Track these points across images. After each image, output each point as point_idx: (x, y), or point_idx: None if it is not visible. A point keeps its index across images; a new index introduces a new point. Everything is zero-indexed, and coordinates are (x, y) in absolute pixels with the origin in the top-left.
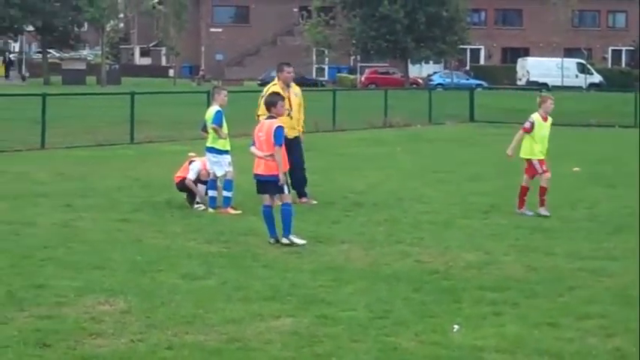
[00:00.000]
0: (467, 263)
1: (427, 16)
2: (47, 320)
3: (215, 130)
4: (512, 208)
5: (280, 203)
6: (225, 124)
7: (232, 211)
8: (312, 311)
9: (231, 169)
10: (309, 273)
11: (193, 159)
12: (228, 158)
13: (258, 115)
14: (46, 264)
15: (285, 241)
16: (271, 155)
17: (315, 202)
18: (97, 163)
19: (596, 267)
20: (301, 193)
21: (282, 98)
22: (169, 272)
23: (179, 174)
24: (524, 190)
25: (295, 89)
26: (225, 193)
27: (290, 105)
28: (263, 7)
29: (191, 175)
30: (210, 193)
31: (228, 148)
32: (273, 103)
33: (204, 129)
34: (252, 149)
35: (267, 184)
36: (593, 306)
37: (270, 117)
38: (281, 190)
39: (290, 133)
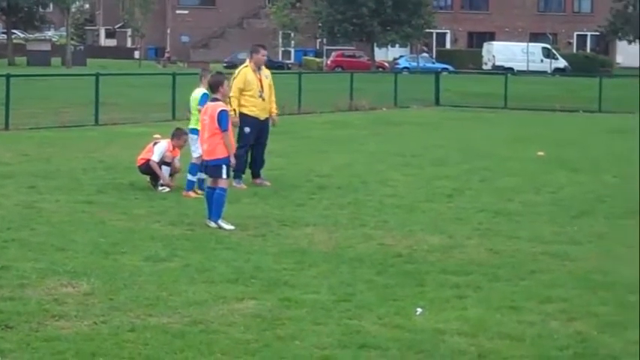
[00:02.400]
0: (430, 247)
1: (394, 0)
2: (9, 302)
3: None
4: (476, 193)
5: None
6: None
7: (193, 195)
8: (275, 294)
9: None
10: (273, 256)
11: (158, 141)
12: None
13: (230, 97)
14: (9, 245)
15: (211, 224)
16: (211, 138)
17: (268, 183)
18: (61, 145)
19: (558, 251)
20: (256, 174)
21: (226, 78)
22: (133, 254)
23: (142, 156)
24: None
25: (265, 71)
26: (189, 177)
27: (262, 87)
28: None
29: (155, 157)
30: (199, 175)
31: None
32: (220, 82)
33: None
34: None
35: (207, 168)
36: (555, 290)
37: (214, 99)
38: (219, 174)
39: (261, 115)
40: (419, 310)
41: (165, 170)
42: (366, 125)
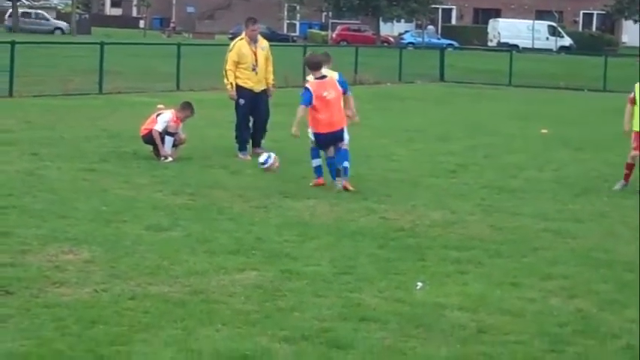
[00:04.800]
0: (433, 222)
1: None
2: (10, 268)
3: None
4: (480, 169)
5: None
6: None
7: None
8: (276, 265)
9: None
10: (275, 227)
11: (161, 111)
12: None
13: (226, 70)
14: (11, 212)
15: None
16: None
17: (249, 157)
18: (65, 113)
19: (561, 228)
20: (256, 143)
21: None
22: (134, 223)
23: (146, 126)
24: (630, 167)
25: (263, 43)
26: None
27: (256, 60)
28: None
29: (159, 127)
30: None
31: None
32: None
33: None
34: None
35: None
36: (557, 267)
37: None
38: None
39: (256, 87)
40: (419, 284)
41: (168, 141)
42: (370, 99)
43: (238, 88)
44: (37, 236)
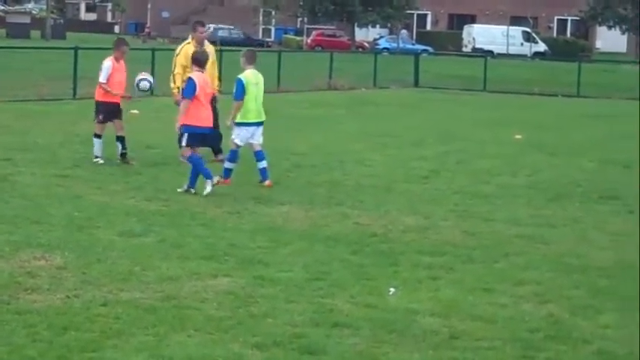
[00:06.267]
0: (406, 227)
1: None
2: None
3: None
4: (453, 174)
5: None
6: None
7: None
8: (249, 271)
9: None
10: (248, 233)
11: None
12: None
13: (174, 74)
14: None
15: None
16: None
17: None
18: (38, 118)
19: (534, 234)
20: (217, 151)
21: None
22: (107, 229)
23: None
24: None
25: (209, 48)
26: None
27: None
28: None
29: (102, 78)
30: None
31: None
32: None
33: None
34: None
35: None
36: (529, 272)
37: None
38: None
39: None
40: (392, 289)
41: (97, 143)
42: (345, 105)
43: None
44: (9, 242)
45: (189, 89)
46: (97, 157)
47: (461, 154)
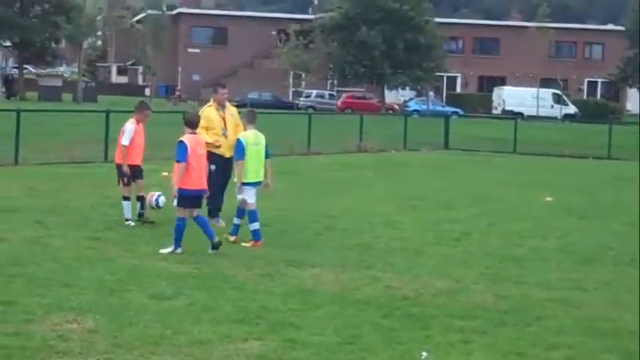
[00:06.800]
0: (437, 290)
1: (405, 43)
2: (14, 337)
3: None
4: (484, 237)
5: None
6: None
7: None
8: (280, 335)
9: None
10: (279, 296)
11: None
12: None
13: None
14: (15, 280)
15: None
16: None
17: (222, 224)
18: (70, 181)
19: (565, 297)
20: (214, 213)
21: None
22: (138, 292)
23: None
24: None
25: (231, 109)
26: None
27: (225, 125)
28: (241, 29)
29: (125, 140)
30: (236, 221)
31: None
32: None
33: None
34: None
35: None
36: (561, 337)
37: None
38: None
39: (227, 153)
40: (424, 353)
41: (126, 205)
42: (375, 167)
43: (209, 154)
44: (41, 305)
45: (182, 152)
46: (127, 219)
47: (492, 216)
